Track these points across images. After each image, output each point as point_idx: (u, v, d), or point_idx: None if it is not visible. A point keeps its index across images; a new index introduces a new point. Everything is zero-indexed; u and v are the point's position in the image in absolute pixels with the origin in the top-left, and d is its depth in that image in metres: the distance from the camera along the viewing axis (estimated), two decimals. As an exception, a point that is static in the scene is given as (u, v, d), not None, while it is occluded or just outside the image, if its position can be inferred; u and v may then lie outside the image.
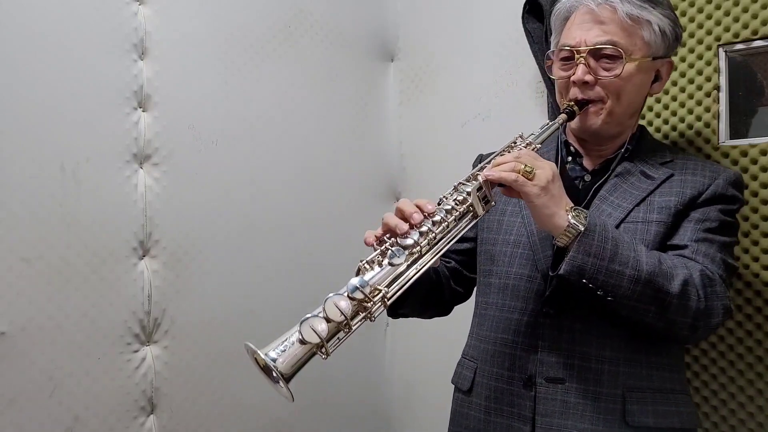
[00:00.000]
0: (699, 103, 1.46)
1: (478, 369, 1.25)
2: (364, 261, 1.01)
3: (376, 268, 1.00)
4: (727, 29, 1.42)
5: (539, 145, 1.16)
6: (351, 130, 2.02)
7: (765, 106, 1.44)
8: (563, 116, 1.19)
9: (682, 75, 1.48)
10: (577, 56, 1.18)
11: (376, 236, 1.06)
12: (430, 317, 1.39)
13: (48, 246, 1.43)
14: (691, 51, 1.47)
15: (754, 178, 1.37)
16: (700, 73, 1.46)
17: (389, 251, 1.00)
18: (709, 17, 1.44)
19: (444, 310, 1.39)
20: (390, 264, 1.00)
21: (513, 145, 1.16)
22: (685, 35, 1.48)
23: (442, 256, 1.09)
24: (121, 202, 1.55)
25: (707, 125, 1.45)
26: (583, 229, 1.04)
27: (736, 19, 1.40)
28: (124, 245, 1.55)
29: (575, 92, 1.19)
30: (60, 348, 1.45)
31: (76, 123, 1.48)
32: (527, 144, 1.15)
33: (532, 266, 1.20)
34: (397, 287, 1.00)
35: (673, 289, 1.06)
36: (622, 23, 1.16)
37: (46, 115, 1.44)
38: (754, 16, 1.38)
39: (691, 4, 1.47)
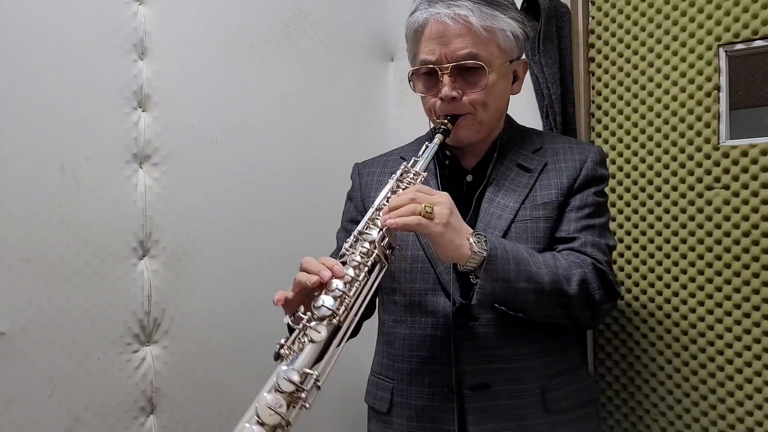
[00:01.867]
0: (699, 103, 1.46)
1: (395, 389, 1.25)
2: (285, 345, 0.97)
3: (298, 350, 0.95)
4: (727, 29, 1.42)
5: (425, 173, 1.16)
6: (351, 130, 2.02)
7: (765, 106, 1.44)
8: (439, 136, 1.20)
9: (683, 75, 1.48)
10: (440, 73, 1.19)
11: (290, 305, 1.03)
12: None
13: (48, 246, 1.43)
14: (692, 51, 1.47)
15: (755, 178, 1.37)
16: (700, 73, 1.46)
17: (308, 328, 0.97)
18: (709, 17, 1.44)
19: (354, 334, 1.39)
20: (311, 341, 0.96)
21: (401, 177, 1.16)
22: (685, 35, 1.48)
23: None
24: (121, 202, 1.54)
25: (707, 125, 1.45)
26: (486, 255, 1.06)
27: (737, 19, 1.40)
28: (123, 245, 1.55)
29: (444, 108, 1.21)
30: (60, 348, 1.44)
31: (76, 123, 1.48)
32: (415, 173, 1.16)
33: (433, 279, 1.22)
34: (324, 364, 0.96)
35: (573, 290, 1.12)
36: (478, 35, 1.17)
37: (46, 115, 1.44)
38: (755, 16, 1.38)
39: (691, 4, 1.47)
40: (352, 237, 1.09)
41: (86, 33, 1.50)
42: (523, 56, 1.28)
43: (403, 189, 1.13)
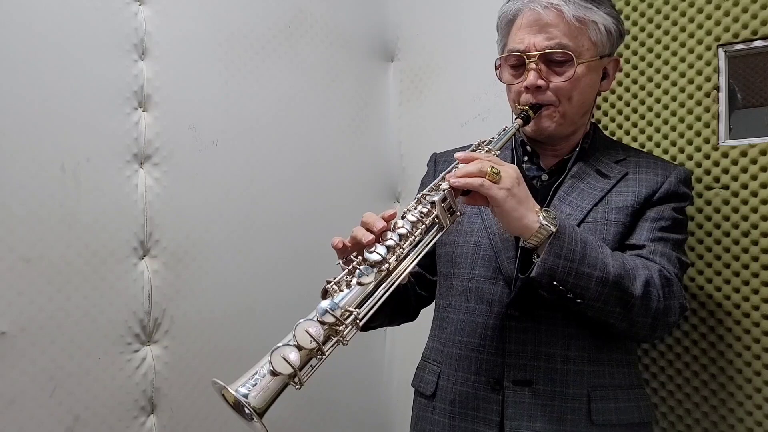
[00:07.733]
0: (699, 103, 1.46)
1: (442, 373, 1.25)
2: (332, 282, 0.99)
3: (345, 289, 0.97)
4: (726, 29, 1.42)
5: (498, 152, 1.16)
6: (351, 130, 2.02)
7: (765, 106, 1.44)
8: (519, 121, 1.20)
9: (682, 75, 1.48)
10: (527, 61, 1.18)
11: (344, 252, 1.05)
12: (398, 324, 1.40)
13: (48, 246, 1.43)
14: (691, 51, 1.47)
15: (754, 178, 1.37)
16: (699, 73, 1.46)
17: (357, 270, 0.98)
18: (708, 17, 1.44)
19: (411, 316, 1.40)
20: (359, 284, 0.97)
21: (474, 151, 1.15)
22: (684, 35, 1.48)
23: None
24: (122, 202, 1.55)
25: (707, 125, 1.45)
26: (554, 230, 1.05)
27: (736, 20, 1.40)
28: (124, 245, 1.55)
29: (528, 98, 1.20)
30: (60, 348, 1.45)
31: (76, 123, 1.48)
32: (487, 151, 1.15)
33: (494, 268, 1.21)
34: (367, 307, 0.97)
35: (636, 291, 1.08)
36: (569, 26, 1.17)
37: (46, 115, 1.44)
38: (754, 16, 1.38)
39: (691, 4, 1.47)
40: (415, 199, 1.08)
41: (87, 33, 1.50)
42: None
43: None
